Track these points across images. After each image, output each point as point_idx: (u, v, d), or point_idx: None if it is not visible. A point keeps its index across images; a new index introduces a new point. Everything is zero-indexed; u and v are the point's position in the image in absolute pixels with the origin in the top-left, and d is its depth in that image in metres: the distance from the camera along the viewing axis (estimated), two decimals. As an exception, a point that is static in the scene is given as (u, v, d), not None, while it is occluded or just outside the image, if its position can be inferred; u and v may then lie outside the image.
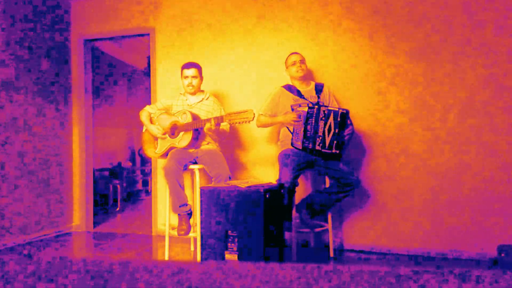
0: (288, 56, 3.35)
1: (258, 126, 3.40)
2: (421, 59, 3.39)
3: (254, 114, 2.86)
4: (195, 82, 3.34)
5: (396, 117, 3.45)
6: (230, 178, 3.13)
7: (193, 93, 3.40)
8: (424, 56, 3.38)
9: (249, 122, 2.88)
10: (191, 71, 3.33)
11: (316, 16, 3.69)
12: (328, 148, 2.97)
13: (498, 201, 3.17)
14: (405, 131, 3.43)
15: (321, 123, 2.95)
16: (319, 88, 3.31)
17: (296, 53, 3.33)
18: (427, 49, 3.37)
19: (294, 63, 3.26)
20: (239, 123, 2.90)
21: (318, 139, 2.96)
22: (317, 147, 2.96)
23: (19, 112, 3.90)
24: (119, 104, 7.49)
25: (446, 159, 3.31)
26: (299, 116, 3.00)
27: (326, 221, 3.32)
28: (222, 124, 3.21)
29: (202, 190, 2.66)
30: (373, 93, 3.51)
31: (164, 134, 3.31)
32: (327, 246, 3.45)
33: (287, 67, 3.33)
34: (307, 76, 3.36)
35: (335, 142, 2.97)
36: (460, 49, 3.29)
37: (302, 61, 3.28)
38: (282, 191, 2.83)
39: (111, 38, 4.65)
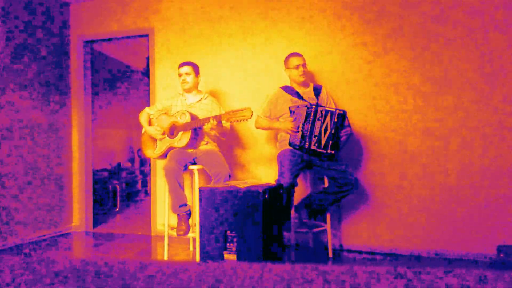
0: (290, 57, 3.32)
1: (257, 128, 3.41)
2: (422, 59, 3.39)
3: (252, 112, 2.87)
4: (188, 79, 3.37)
5: (395, 117, 3.46)
6: (230, 176, 3.14)
7: (189, 91, 3.41)
8: (425, 56, 3.38)
9: (247, 120, 2.90)
10: (184, 69, 3.39)
11: (316, 17, 3.69)
12: (323, 148, 2.98)
13: (498, 201, 3.18)
14: (404, 132, 3.43)
15: (318, 123, 2.97)
16: (317, 90, 3.32)
17: (297, 54, 3.31)
18: (427, 49, 3.37)
19: (297, 67, 3.25)
20: (237, 121, 2.92)
21: (314, 138, 2.97)
22: (313, 147, 2.97)
23: (19, 112, 3.90)
24: (118, 105, 7.49)
25: (446, 159, 3.32)
26: (297, 126, 3.00)
27: (325, 221, 3.32)
28: (223, 122, 3.22)
29: (201, 190, 2.66)
30: (372, 94, 3.52)
31: (163, 134, 3.32)
32: (326, 246, 3.46)
33: (287, 67, 3.32)
34: (306, 78, 3.36)
35: (330, 142, 2.98)
36: (461, 49, 3.29)
37: (304, 64, 3.27)
38: (281, 191, 2.84)
39: (110, 39, 4.65)
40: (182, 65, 3.42)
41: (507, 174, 3.16)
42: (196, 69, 3.43)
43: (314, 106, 2.99)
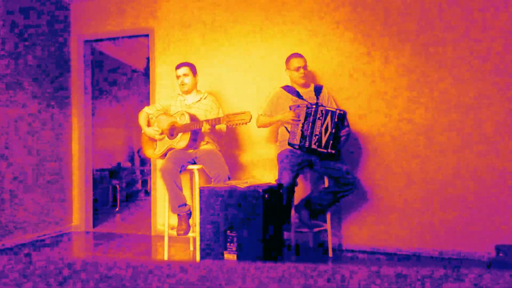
0: (290, 58, 3.30)
1: (258, 127, 3.40)
2: (422, 59, 3.39)
3: (251, 116, 2.85)
4: (187, 80, 3.34)
5: (395, 117, 3.46)
6: (229, 178, 3.14)
7: (187, 92, 3.39)
8: (425, 56, 3.38)
9: (246, 123, 2.88)
10: (182, 70, 3.34)
11: (316, 17, 3.69)
12: (324, 147, 2.98)
13: (497, 201, 3.18)
14: (404, 132, 3.43)
15: (318, 123, 2.96)
16: (318, 90, 3.32)
17: (298, 56, 3.29)
18: (428, 49, 3.38)
19: (297, 69, 3.24)
20: (237, 124, 2.90)
21: (314, 138, 2.97)
22: (313, 146, 2.97)
23: (19, 112, 3.90)
24: (119, 104, 7.49)
25: (445, 159, 3.32)
26: (298, 115, 3.01)
27: (325, 221, 3.32)
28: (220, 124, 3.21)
29: (201, 190, 2.66)
30: (372, 94, 3.52)
31: (162, 134, 3.31)
32: (326, 246, 3.46)
33: (288, 68, 3.32)
34: (307, 79, 3.35)
35: (331, 142, 2.97)
36: (464, 48, 3.30)
37: (305, 66, 3.26)
38: (281, 191, 2.84)
39: (110, 39, 4.65)
40: (178, 66, 3.37)
41: (507, 174, 3.16)
42: (193, 69, 3.39)
43: (314, 106, 2.99)
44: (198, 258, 3.02)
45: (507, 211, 3.15)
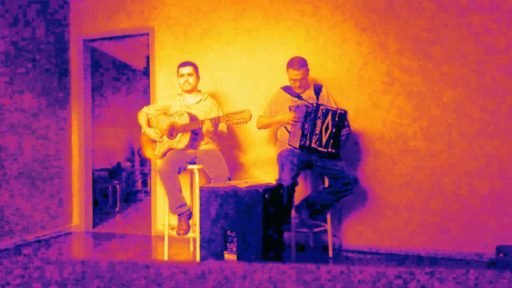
0: (289, 67, 3.18)
1: (259, 128, 3.39)
2: (422, 59, 3.39)
3: (250, 114, 2.84)
4: (191, 79, 3.32)
5: (395, 117, 3.45)
6: (229, 179, 3.13)
7: (190, 92, 3.38)
8: (425, 55, 3.38)
9: (246, 122, 2.86)
10: (187, 69, 3.32)
11: (316, 17, 3.69)
12: (324, 146, 2.97)
13: (497, 201, 3.18)
14: (404, 132, 3.43)
15: (319, 122, 2.96)
16: (317, 89, 3.31)
17: (297, 67, 3.13)
18: (428, 49, 3.37)
19: (294, 81, 3.20)
20: (236, 123, 2.89)
21: (315, 137, 2.96)
22: (313, 145, 2.97)
23: (19, 112, 3.90)
24: (119, 104, 7.49)
25: (445, 159, 3.32)
26: (298, 115, 3.01)
27: (325, 221, 3.32)
28: (219, 125, 3.21)
29: (201, 190, 2.66)
30: (372, 93, 3.52)
31: (162, 137, 3.31)
32: (326, 246, 3.46)
33: (287, 71, 3.29)
34: (305, 86, 3.32)
35: (331, 141, 2.97)
36: (465, 50, 3.29)
37: (302, 79, 3.17)
38: (281, 191, 2.84)
39: (110, 38, 4.64)
40: (183, 65, 3.35)
41: (507, 174, 3.16)
42: (197, 69, 3.38)
43: (315, 105, 2.99)
44: (198, 258, 3.01)
45: (508, 212, 3.15)
